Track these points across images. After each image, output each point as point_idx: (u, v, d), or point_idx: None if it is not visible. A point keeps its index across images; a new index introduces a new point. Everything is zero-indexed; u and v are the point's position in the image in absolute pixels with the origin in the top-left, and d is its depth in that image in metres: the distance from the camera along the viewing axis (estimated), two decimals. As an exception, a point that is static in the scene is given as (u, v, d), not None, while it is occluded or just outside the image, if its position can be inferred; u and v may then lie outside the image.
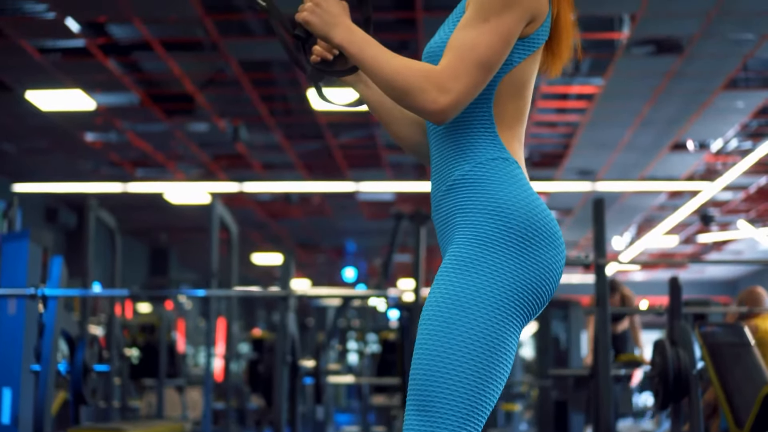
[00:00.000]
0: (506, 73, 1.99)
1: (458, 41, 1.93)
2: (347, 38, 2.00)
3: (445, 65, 1.91)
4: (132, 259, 18.83)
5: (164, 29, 9.20)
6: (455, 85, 1.89)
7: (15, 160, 13.73)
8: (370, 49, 1.98)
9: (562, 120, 12.13)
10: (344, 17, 2.04)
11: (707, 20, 8.64)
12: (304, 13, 2.08)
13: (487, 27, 1.92)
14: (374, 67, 1.96)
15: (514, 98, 2.02)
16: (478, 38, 1.92)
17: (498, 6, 1.93)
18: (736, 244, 20.77)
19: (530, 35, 2.01)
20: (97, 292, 8.30)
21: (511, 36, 1.95)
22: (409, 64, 1.93)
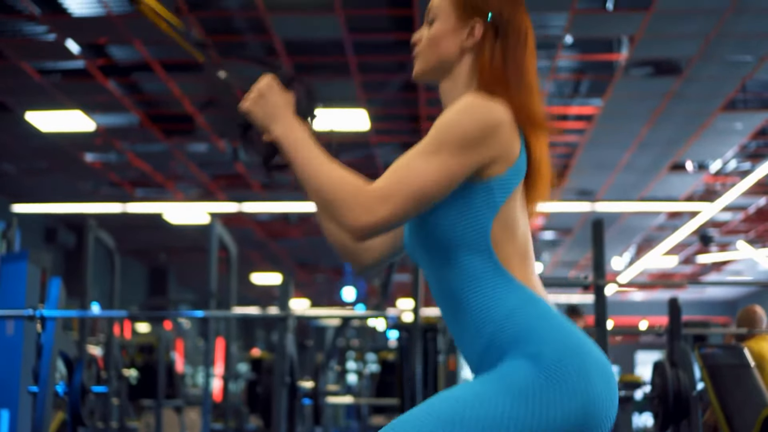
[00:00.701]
0: (493, 218, 1.92)
1: (402, 164, 1.86)
2: (285, 134, 1.96)
3: (380, 186, 1.84)
4: (131, 279, 18.81)
5: (164, 50, 9.22)
6: (383, 209, 1.83)
7: (14, 181, 13.73)
8: (304, 151, 1.93)
9: (561, 140, 12.14)
10: (286, 111, 2.00)
11: (706, 42, 8.67)
12: (248, 102, 2.04)
13: (435, 159, 1.85)
14: (304, 170, 1.91)
15: (510, 240, 1.94)
16: (423, 168, 1.84)
17: (454, 144, 1.86)
18: (735, 264, 20.76)
19: (504, 175, 1.92)
20: (96, 313, 8.29)
21: (458, 177, 1.87)
22: (341, 175, 1.88)
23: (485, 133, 1.87)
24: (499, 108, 1.91)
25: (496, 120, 1.89)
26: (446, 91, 2.06)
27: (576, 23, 8.39)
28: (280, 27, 8.47)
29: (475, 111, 1.88)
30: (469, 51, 2.03)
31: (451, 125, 1.87)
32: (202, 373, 13.72)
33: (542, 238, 18.52)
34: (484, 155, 1.88)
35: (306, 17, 8.34)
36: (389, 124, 11.18)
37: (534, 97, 2.00)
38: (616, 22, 8.43)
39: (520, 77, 2.00)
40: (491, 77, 1.98)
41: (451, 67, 2.04)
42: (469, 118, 1.87)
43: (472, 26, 2.02)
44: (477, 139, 1.86)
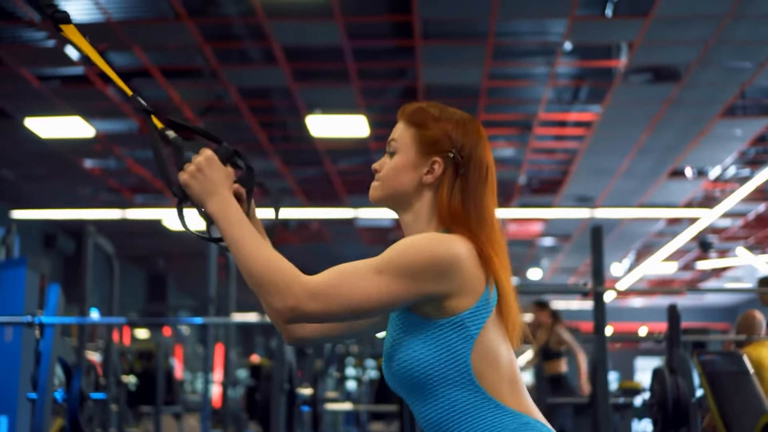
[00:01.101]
0: (471, 350, 1.88)
1: (346, 270, 1.86)
2: (220, 212, 1.93)
3: (315, 283, 1.84)
4: (130, 285, 18.79)
5: (163, 57, 9.23)
6: (311, 304, 1.82)
7: (14, 187, 13.73)
8: (237, 230, 1.91)
9: (560, 147, 12.15)
10: (223, 188, 1.97)
11: (705, 48, 8.68)
12: (186, 175, 2.00)
13: (377, 280, 1.84)
14: (238, 250, 1.90)
15: (494, 367, 1.90)
16: (361, 283, 1.84)
17: (399, 268, 1.85)
18: (734, 270, 20.76)
19: (474, 308, 1.89)
20: (95, 320, 8.28)
21: (397, 302, 1.86)
22: (275, 259, 1.87)
23: (435, 267, 1.85)
24: (459, 243, 1.89)
25: (451, 257, 1.87)
26: (407, 224, 2.03)
27: (575, 30, 8.40)
28: (280, 33, 8.48)
29: (430, 246, 1.87)
30: (429, 187, 2.00)
31: (403, 252, 1.86)
32: (202, 379, 13.72)
33: (542, 245, 18.52)
34: (433, 289, 1.86)
35: (305, 23, 8.35)
36: (388, 131, 11.09)
37: (495, 235, 1.96)
38: (615, 28, 8.44)
39: (479, 215, 1.97)
40: (449, 215, 1.96)
41: (410, 201, 2.02)
42: (419, 250, 1.86)
43: (432, 162, 1.99)
44: (422, 273, 1.85)
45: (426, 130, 2.01)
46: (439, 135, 2.00)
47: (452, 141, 1.99)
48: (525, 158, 12.46)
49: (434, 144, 2.00)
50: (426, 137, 2.01)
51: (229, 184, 1.99)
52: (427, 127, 2.01)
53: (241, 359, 19.56)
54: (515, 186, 13.80)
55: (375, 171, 2.07)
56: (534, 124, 11.06)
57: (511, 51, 9.08)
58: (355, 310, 1.85)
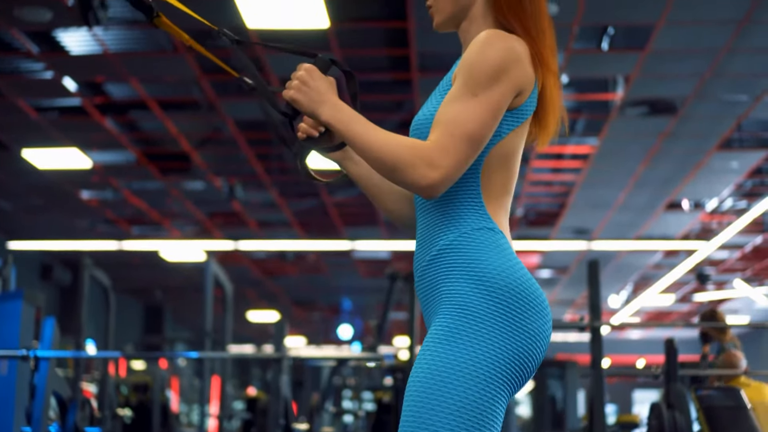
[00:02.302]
0: (494, 144, 1.97)
1: (447, 116, 1.91)
2: (334, 116, 1.99)
3: (434, 140, 1.89)
4: (127, 317, 18.75)
5: (161, 89, 9.25)
6: (445, 160, 1.87)
7: (11, 218, 13.72)
8: (357, 126, 1.96)
9: (557, 179, 12.16)
10: (331, 95, 2.02)
11: (701, 82, 8.71)
12: (291, 91, 2.05)
13: (475, 101, 1.90)
14: (362, 144, 1.94)
15: (501, 169, 2.00)
16: (467, 113, 1.90)
17: (485, 80, 1.91)
18: (732, 302, 20.73)
19: (518, 107, 1.98)
20: (90, 354, 8.25)
21: (500, 110, 1.93)
22: (398, 139, 1.91)
23: (510, 60, 1.94)
24: (517, 40, 1.98)
25: (516, 49, 1.96)
26: (464, 31, 2.13)
27: (572, 63, 8.43)
28: (277, 65, 8.50)
29: (495, 43, 1.95)
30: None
31: (477, 63, 1.93)
32: (198, 411, 13.65)
33: (539, 277, 18.50)
34: (514, 81, 1.94)
35: (303, 56, 8.35)
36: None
37: (548, 26, 2.06)
38: (612, 61, 8.47)
39: (535, 3, 2.06)
40: (508, 6, 2.05)
41: (467, 10, 2.11)
42: (491, 50, 1.94)
43: None
44: (504, 68, 1.93)
45: None
46: None
47: None
48: (522, 191, 12.47)
49: None
50: None
51: (334, 90, 2.05)
52: None
53: (238, 392, 19.50)
54: (512, 218, 13.80)
55: (429, 6, 2.19)
56: (531, 157, 11.07)
57: (508, 84, 9.10)
58: (479, 139, 1.91)
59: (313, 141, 2.14)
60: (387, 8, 7.60)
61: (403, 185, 1.92)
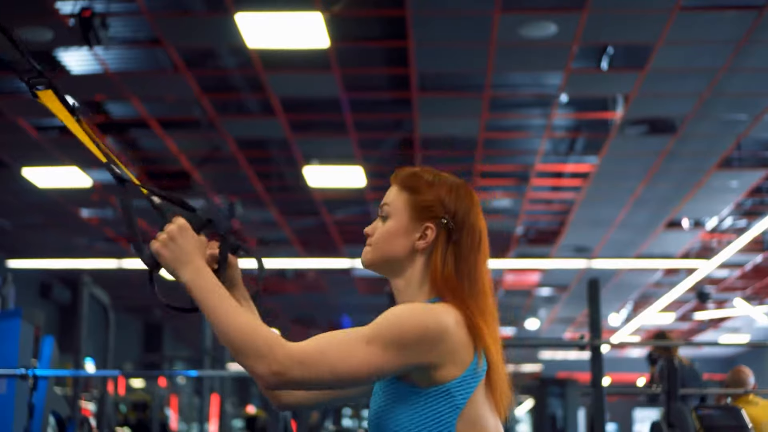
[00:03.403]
0: (457, 419, 1.86)
1: (334, 339, 1.83)
2: (194, 280, 1.90)
3: (301, 349, 1.80)
4: (126, 335, 18.72)
5: (161, 108, 9.27)
6: (296, 370, 1.78)
7: (10, 236, 13.72)
8: (212, 298, 1.87)
9: (557, 198, 12.16)
10: (196, 256, 1.93)
11: (700, 101, 8.72)
12: (157, 244, 1.95)
13: (364, 350, 1.81)
14: (214, 318, 1.85)
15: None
16: (349, 353, 1.81)
17: (389, 340, 1.82)
18: (732, 321, 20.71)
19: (462, 378, 1.87)
20: (89, 372, 8.22)
21: (385, 372, 1.83)
22: (254, 325, 1.83)
23: (424, 339, 1.82)
24: (448, 314, 1.87)
25: (440, 328, 1.84)
26: (399, 289, 2.01)
27: (571, 82, 8.45)
28: (277, 85, 8.52)
29: (419, 317, 1.84)
30: (421, 252, 1.98)
31: (392, 323, 1.83)
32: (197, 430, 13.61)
33: (539, 295, 18.48)
34: (421, 359, 1.83)
35: (302, 75, 8.39)
36: (385, 181, 11.09)
37: (487, 303, 1.95)
38: (611, 81, 8.49)
39: (472, 281, 1.95)
40: (443, 281, 1.94)
41: (403, 266, 2.00)
42: (410, 322, 1.83)
43: (425, 228, 1.97)
44: (412, 344, 1.82)
45: (419, 196, 1.99)
46: (432, 200, 1.98)
47: (445, 207, 1.97)
48: (522, 209, 12.48)
49: (427, 209, 1.98)
50: (419, 202, 1.99)
51: (203, 253, 1.95)
52: (420, 193, 1.99)
53: (237, 410, 19.43)
54: (512, 236, 13.80)
55: (367, 235, 2.06)
56: (531, 175, 11.08)
57: (508, 103, 9.12)
58: (342, 379, 1.82)
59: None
60: (387, 28, 7.62)
61: (244, 366, 1.83)
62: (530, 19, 7.32)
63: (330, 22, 7.31)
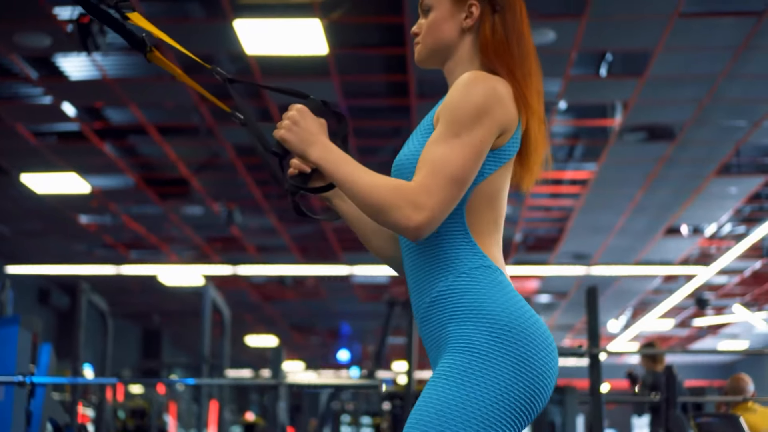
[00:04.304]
0: (478, 184, 1.97)
1: (430, 156, 1.91)
2: (323, 156, 1.99)
3: (418, 182, 1.89)
4: (124, 341, 18.70)
5: (160, 114, 9.26)
6: (429, 201, 1.86)
7: (9, 242, 13.71)
8: (345, 167, 1.96)
9: (556, 204, 12.16)
10: (321, 135, 2.02)
11: (699, 108, 8.72)
12: (282, 131, 2.06)
13: (458, 142, 1.90)
14: (350, 185, 1.93)
15: (488, 209, 1.99)
16: (450, 153, 1.90)
17: (468, 120, 1.91)
18: (731, 327, 20.69)
19: (501, 147, 1.98)
20: (87, 379, 8.21)
21: (483, 150, 1.92)
22: (384, 181, 1.91)
23: (492, 101, 1.93)
24: (501, 82, 1.98)
25: (498, 90, 1.95)
26: (450, 71, 2.12)
27: (570, 89, 8.45)
28: (276, 93, 8.50)
29: (477, 84, 1.94)
30: (468, 31, 2.09)
31: (460, 103, 1.93)
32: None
33: (538, 302, 18.47)
34: (497, 122, 1.94)
35: (301, 82, 8.39)
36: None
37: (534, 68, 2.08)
38: (610, 88, 8.49)
39: (522, 47, 2.08)
40: (494, 51, 2.05)
41: (453, 50, 2.10)
42: (474, 91, 1.93)
43: (468, 6, 2.07)
44: (486, 109, 1.92)
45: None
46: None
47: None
48: (521, 216, 12.47)
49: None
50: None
51: (325, 131, 2.04)
52: None
53: (235, 417, 19.41)
54: (511, 243, 13.79)
55: (415, 35, 2.15)
56: (529, 182, 11.07)
57: (507, 109, 9.11)
58: (463, 181, 1.90)
59: (304, 179, 2.14)
60: (385, 35, 7.62)
61: (388, 226, 1.91)
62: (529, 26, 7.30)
63: (328, 29, 7.32)
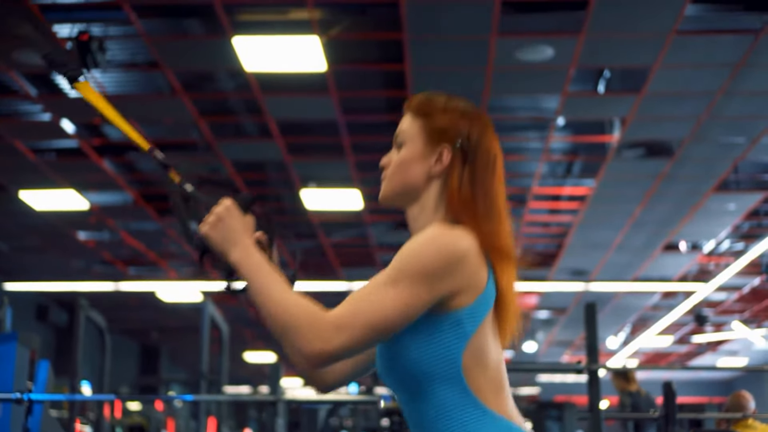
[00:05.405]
0: (464, 348, 1.85)
1: (360, 294, 1.81)
2: (242, 260, 1.91)
3: (336, 315, 1.78)
4: (123, 357, 18.66)
5: (159, 130, 9.27)
6: (337, 338, 1.76)
7: (7, 259, 13.70)
8: (261, 277, 1.87)
9: (554, 220, 12.16)
10: (244, 236, 1.95)
11: (697, 124, 8.74)
12: (207, 227, 1.98)
13: (393, 292, 1.79)
14: (261, 296, 1.85)
15: (483, 368, 1.88)
16: (380, 301, 1.79)
17: (412, 275, 1.81)
18: (730, 344, 20.67)
19: (472, 305, 1.86)
20: (85, 396, 8.20)
21: (417, 309, 1.81)
22: (297, 302, 1.81)
23: (447, 265, 1.82)
24: (465, 238, 1.86)
25: (460, 252, 1.84)
26: (413, 217, 2.02)
27: (568, 105, 8.46)
28: (275, 108, 8.53)
29: (438, 242, 1.84)
30: (437, 177, 1.99)
31: (413, 256, 1.82)
32: (193, 454, 13.54)
33: (537, 317, 18.46)
34: (446, 287, 1.83)
35: (300, 98, 8.40)
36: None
37: (502, 226, 1.96)
38: (608, 104, 8.50)
39: (490, 204, 1.96)
40: (459, 204, 1.94)
41: (419, 193, 2.01)
42: (431, 250, 1.83)
43: (440, 152, 1.98)
44: (438, 272, 1.81)
45: (433, 120, 2.01)
46: (446, 124, 2.00)
47: (459, 129, 1.99)
48: (519, 231, 12.45)
49: (442, 133, 1.99)
50: (433, 127, 2.01)
51: (250, 233, 1.97)
52: (434, 117, 2.01)
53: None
54: (510, 259, 13.77)
55: (383, 167, 2.08)
56: (528, 198, 11.08)
57: (505, 126, 9.13)
58: (381, 331, 1.80)
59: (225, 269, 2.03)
60: (384, 51, 7.64)
61: (287, 347, 1.82)
62: (527, 43, 7.33)
63: (327, 45, 7.33)
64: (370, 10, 7.14)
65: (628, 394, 8.89)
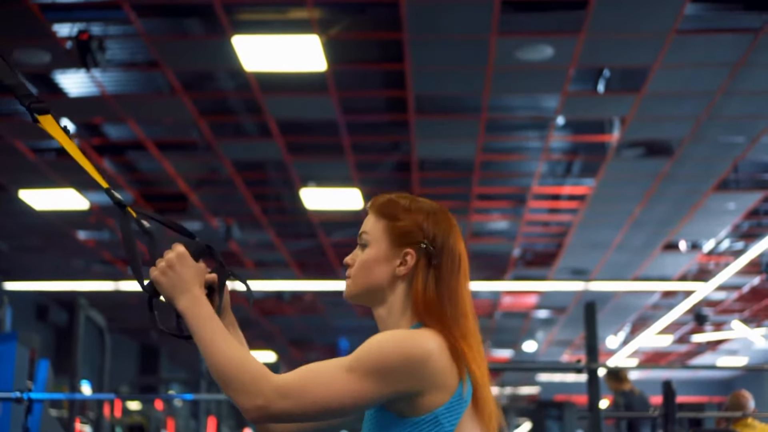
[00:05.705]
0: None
1: (317, 369, 1.81)
2: (190, 309, 1.90)
3: (284, 381, 1.78)
4: (122, 357, 18.66)
5: (159, 130, 9.27)
6: (279, 403, 1.76)
7: (7, 258, 13.69)
8: (208, 329, 1.87)
9: (554, 220, 12.17)
10: (194, 285, 1.94)
11: (697, 124, 8.74)
12: (157, 272, 1.96)
13: (347, 378, 1.79)
14: (207, 349, 1.84)
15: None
16: (333, 382, 1.79)
17: (370, 369, 1.80)
18: (730, 343, 20.68)
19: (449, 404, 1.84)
20: (85, 395, 8.20)
21: (368, 401, 1.81)
22: (243, 358, 1.82)
23: (406, 366, 1.80)
24: (430, 340, 1.84)
25: (422, 353, 1.81)
26: (381, 318, 2.00)
27: (568, 105, 8.46)
28: (274, 108, 8.53)
29: (401, 343, 1.82)
30: (402, 279, 1.97)
31: (373, 350, 1.81)
32: (193, 453, 13.54)
33: (536, 317, 18.46)
34: (403, 387, 1.81)
35: (300, 98, 8.40)
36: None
37: (468, 326, 1.93)
38: (608, 103, 8.50)
39: (454, 305, 1.93)
40: (425, 306, 1.92)
41: (384, 294, 1.99)
42: (391, 349, 1.81)
43: (404, 254, 1.96)
44: (394, 372, 1.80)
45: (397, 222, 1.98)
46: (411, 226, 1.97)
47: (424, 231, 1.96)
48: (519, 231, 12.48)
49: (406, 235, 1.97)
50: (397, 229, 1.98)
51: (200, 281, 1.96)
52: (398, 219, 1.98)
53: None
54: (510, 259, 13.79)
55: (347, 265, 2.05)
56: (528, 198, 11.09)
57: (505, 125, 9.14)
58: (325, 410, 1.79)
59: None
60: (384, 51, 7.64)
61: (232, 400, 1.83)
62: (527, 42, 7.34)
63: (327, 45, 7.33)
64: (369, 10, 7.14)
65: (621, 393, 8.93)
